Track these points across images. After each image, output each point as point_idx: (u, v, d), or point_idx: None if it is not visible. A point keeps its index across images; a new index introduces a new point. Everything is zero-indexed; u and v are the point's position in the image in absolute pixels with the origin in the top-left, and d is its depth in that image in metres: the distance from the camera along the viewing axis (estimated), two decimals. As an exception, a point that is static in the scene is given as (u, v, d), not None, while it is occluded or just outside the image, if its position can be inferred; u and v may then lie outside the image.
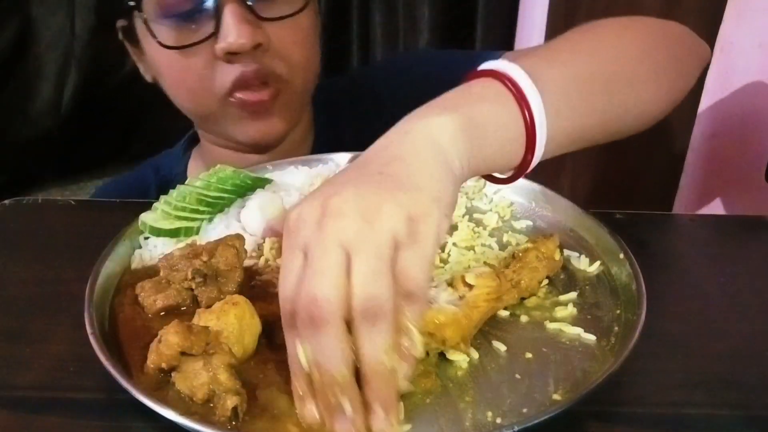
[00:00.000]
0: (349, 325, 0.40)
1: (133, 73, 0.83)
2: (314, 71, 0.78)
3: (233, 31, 0.67)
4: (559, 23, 1.17)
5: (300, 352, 0.41)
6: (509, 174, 0.54)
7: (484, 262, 0.58)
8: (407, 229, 0.41)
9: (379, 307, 0.40)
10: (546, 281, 0.56)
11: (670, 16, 1.04)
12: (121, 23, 0.76)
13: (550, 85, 0.51)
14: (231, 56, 0.69)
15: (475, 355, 0.49)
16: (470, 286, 0.50)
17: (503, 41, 1.72)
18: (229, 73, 0.70)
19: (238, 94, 0.72)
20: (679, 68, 0.67)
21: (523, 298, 0.54)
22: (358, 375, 0.41)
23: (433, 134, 0.46)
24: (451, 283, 0.51)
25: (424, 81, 0.53)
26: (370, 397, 0.41)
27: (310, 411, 0.42)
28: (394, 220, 0.41)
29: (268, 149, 0.79)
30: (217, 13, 0.67)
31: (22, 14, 1.82)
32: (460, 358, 0.48)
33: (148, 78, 0.80)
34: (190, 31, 0.69)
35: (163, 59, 0.72)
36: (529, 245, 0.56)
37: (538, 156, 0.52)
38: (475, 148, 0.47)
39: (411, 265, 0.41)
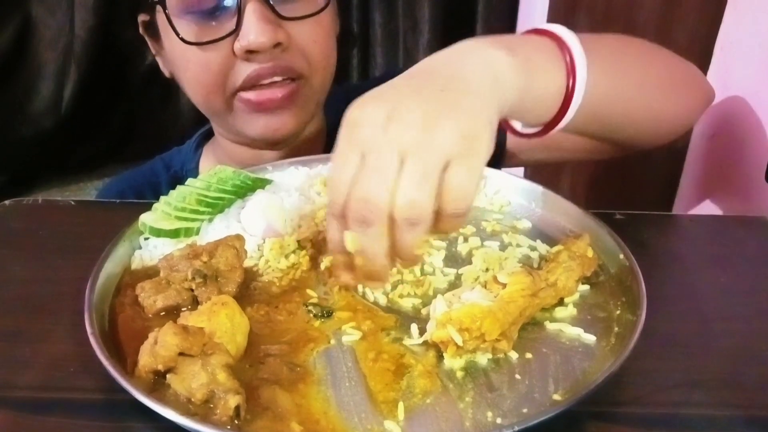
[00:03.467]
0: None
1: (132, 73, 0.83)
2: (332, 68, 0.78)
3: (254, 30, 0.67)
4: (558, 23, 1.17)
5: (348, 238, 0.47)
6: (534, 130, 0.59)
7: (517, 262, 0.58)
8: (461, 145, 0.45)
9: (417, 216, 0.44)
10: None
11: (670, 15, 1.05)
12: (142, 17, 0.77)
13: (595, 61, 0.55)
14: (250, 54, 0.70)
15: (514, 355, 0.49)
16: (503, 285, 0.50)
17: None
18: (245, 70, 0.71)
19: (245, 95, 0.73)
20: (692, 101, 0.72)
21: (562, 299, 0.54)
22: None
23: (495, 65, 0.50)
24: (485, 285, 0.52)
25: None
26: (399, 264, 0.49)
27: (346, 278, 0.50)
28: (450, 135, 0.44)
29: (279, 145, 0.79)
30: (238, 11, 0.68)
31: (22, 14, 1.82)
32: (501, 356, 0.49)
33: (167, 73, 0.80)
34: (210, 27, 0.70)
35: (182, 54, 0.72)
36: (560, 247, 0.56)
37: (567, 118, 0.56)
38: (522, 91, 0.51)
39: (460, 176, 0.44)
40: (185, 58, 0.73)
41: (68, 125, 1.93)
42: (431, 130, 0.44)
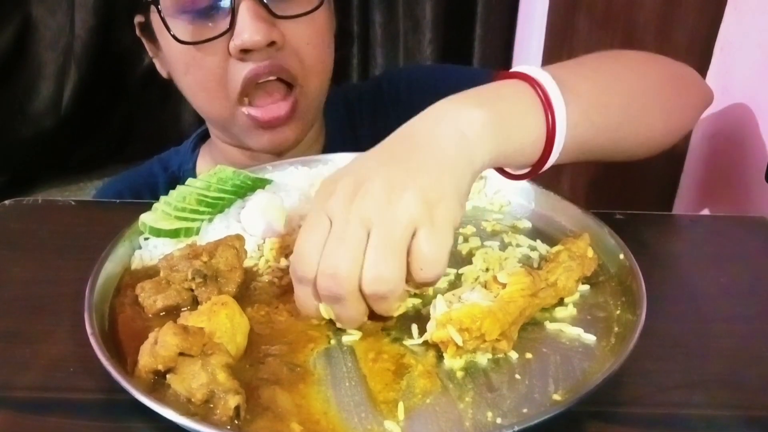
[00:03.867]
0: None
1: (133, 73, 0.83)
2: (328, 72, 0.78)
3: (248, 28, 0.67)
4: (559, 23, 1.17)
5: (322, 310, 0.49)
6: (522, 172, 0.59)
7: (518, 261, 0.58)
8: (424, 212, 0.45)
9: (385, 291, 0.46)
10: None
11: (670, 15, 1.05)
12: (138, 19, 0.77)
13: (574, 98, 0.55)
14: (244, 53, 0.69)
15: (514, 355, 0.49)
16: (503, 285, 0.50)
17: (503, 41, 1.72)
18: (241, 71, 0.71)
19: (251, 111, 0.73)
20: (686, 107, 0.70)
21: (562, 299, 0.54)
22: None
23: (462, 126, 0.50)
24: (485, 285, 0.52)
25: (440, 95, 0.55)
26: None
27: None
28: (412, 203, 0.45)
29: (280, 155, 0.80)
30: (232, 10, 0.68)
31: (22, 14, 1.82)
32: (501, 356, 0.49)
33: (164, 74, 0.80)
34: (205, 27, 0.69)
35: (178, 55, 0.72)
36: (560, 247, 0.56)
37: (551, 160, 0.56)
38: (497, 146, 0.51)
39: (428, 243, 0.45)
40: (181, 60, 0.72)
41: (68, 125, 1.93)
42: (393, 200, 0.46)
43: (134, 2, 0.75)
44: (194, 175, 0.87)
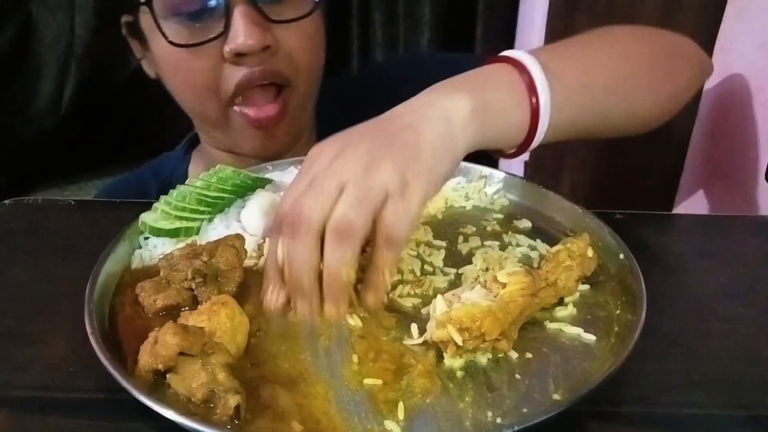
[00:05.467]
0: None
1: (133, 73, 0.82)
2: (318, 76, 0.78)
3: (242, 33, 0.67)
4: (559, 23, 1.17)
5: (279, 249, 0.49)
6: (508, 152, 0.61)
7: (518, 261, 0.58)
8: (399, 185, 0.48)
9: (347, 229, 0.47)
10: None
11: (670, 15, 1.05)
12: (126, 18, 0.76)
13: (558, 81, 0.57)
14: (238, 58, 0.69)
15: (514, 355, 0.49)
16: (503, 285, 0.50)
17: (503, 41, 1.72)
18: (235, 75, 0.70)
19: (243, 109, 0.73)
20: (680, 80, 0.71)
21: (562, 299, 0.54)
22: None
23: (449, 113, 0.52)
24: (485, 285, 0.52)
25: (426, 84, 0.55)
26: (325, 295, 0.48)
27: (272, 296, 0.50)
28: (388, 174, 0.48)
29: (272, 159, 0.79)
30: (226, 14, 0.67)
31: (22, 14, 1.82)
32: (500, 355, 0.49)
33: (152, 74, 0.79)
34: (198, 30, 0.69)
35: (170, 58, 0.72)
36: (560, 246, 0.56)
37: (536, 141, 0.58)
38: (482, 131, 0.54)
39: (394, 214, 0.48)
40: (171, 62, 0.72)
41: (68, 125, 1.93)
42: (371, 167, 0.48)
43: (124, 2, 0.74)
44: (186, 181, 0.87)
